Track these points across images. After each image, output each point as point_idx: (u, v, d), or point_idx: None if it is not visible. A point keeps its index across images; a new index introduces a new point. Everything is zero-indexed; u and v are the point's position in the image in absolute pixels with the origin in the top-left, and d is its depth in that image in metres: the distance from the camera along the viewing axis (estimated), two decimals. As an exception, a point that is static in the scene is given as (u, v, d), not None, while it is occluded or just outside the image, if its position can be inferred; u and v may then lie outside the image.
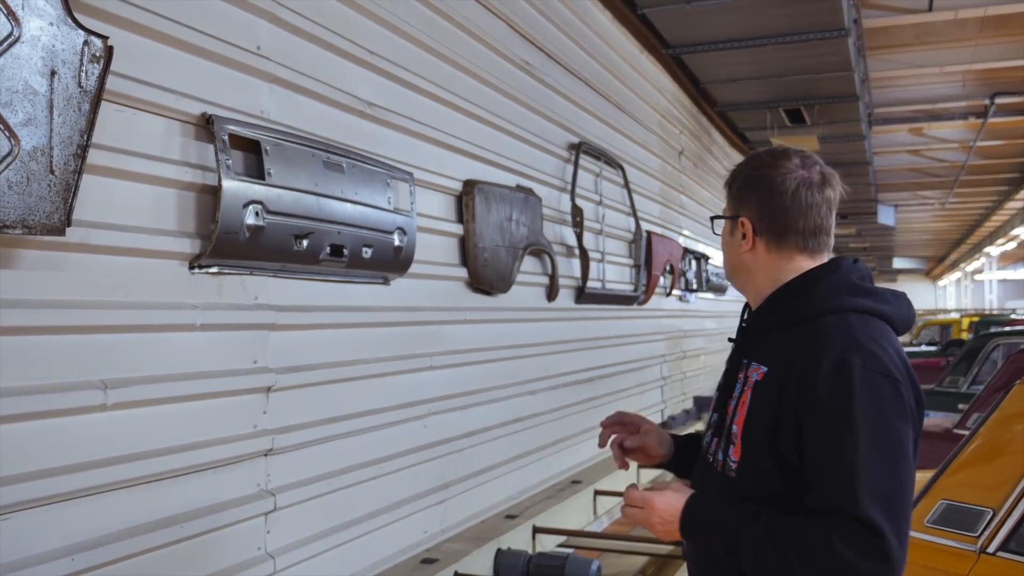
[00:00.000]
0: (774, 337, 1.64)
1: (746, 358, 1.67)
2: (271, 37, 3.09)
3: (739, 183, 1.71)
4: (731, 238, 1.73)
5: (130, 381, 2.49)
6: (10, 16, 1.97)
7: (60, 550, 2.27)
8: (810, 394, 1.49)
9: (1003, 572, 2.14)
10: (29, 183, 2.02)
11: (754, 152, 1.76)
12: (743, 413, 1.61)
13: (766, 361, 1.61)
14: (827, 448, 1.45)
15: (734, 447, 1.60)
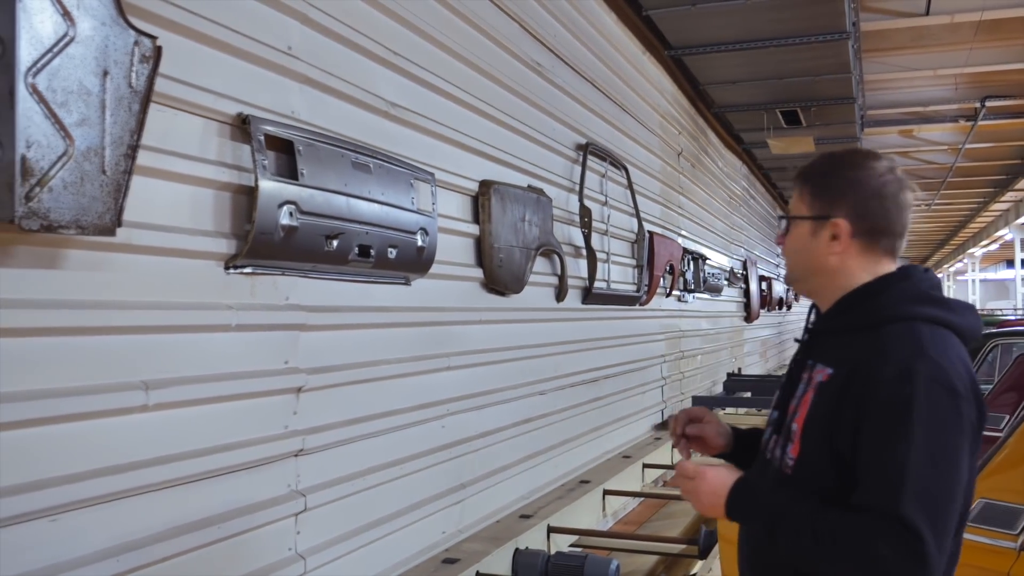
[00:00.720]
0: (840, 340, 1.66)
1: (811, 359, 1.69)
2: (302, 37, 3.09)
3: (830, 184, 1.69)
4: (813, 239, 1.69)
5: (169, 382, 2.49)
6: (66, 16, 1.97)
7: (106, 551, 2.27)
8: (871, 397, 1.51)
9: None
10: (83, 183, 2.02)
11: (829, 153, 1.75)
12: (804, 412, 1.63)
13: (831, 363, 1.63)
14: (881, 449, 1.47)
15: (792, 444, 1.63)
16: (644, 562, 4.89)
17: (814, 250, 1.70)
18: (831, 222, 1.67)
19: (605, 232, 6.43)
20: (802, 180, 1.75)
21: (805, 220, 1.71)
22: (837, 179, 1.69)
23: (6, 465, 2.03)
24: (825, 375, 1.63)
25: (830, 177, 1.70)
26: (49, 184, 1.93)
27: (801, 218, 1.72)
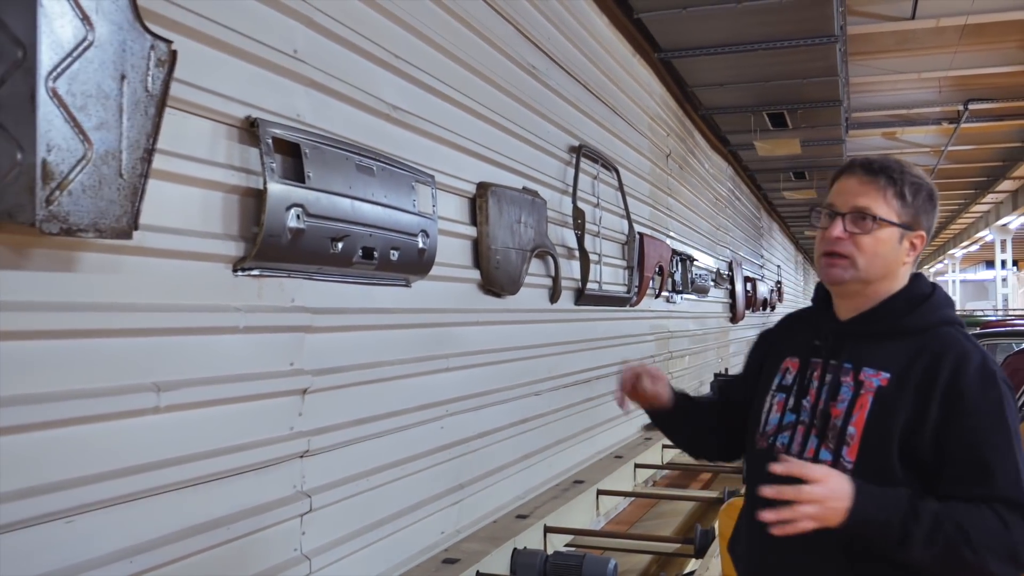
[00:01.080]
0: (888, 344, 1.69)
1: (842, 361, 1.71)
2: (307, 40, 3.11)
3: (922, 196, 1.71)
4: (898, 244, 1.70)
5: (180, 384, 2.50)
6: (85, 20, 1.98)
7: (120, 552, 2.28)
8: (958, 396, 1.58)
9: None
10: (101, 187, 2.03)
11: (904, 162, 1.73)
12: (862, 415, 1.64)
13: (886, 367, 1.66)
14: (991, 447, 1.55)
15: (849, 447, 1.64)
16: (639, 561, 4.94)
17: (894, 256, 1.70)
18: (917, 234, 1.71)
19: (597, 234, 6.47)
20: (888, 181, 1.69)
21: (895, 226, 1.69)
22: (928, 195, 1.72)
23: (25, 467, 2.04)
24: (883, 380, 1.65)
25: (920, 190, 1.71)
26: (68, 188, 1.95)
27: (893, 224, 1.69)
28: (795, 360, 1.81)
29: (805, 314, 1.97)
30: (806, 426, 1.72)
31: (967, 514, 1.51)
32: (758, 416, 1.83)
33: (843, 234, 1.68)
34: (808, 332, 1.83)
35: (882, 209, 1.68)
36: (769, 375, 1.85)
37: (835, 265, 1.70)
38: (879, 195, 1.68)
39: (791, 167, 14.51)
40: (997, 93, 11.92)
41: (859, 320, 1.74)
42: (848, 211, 1.68)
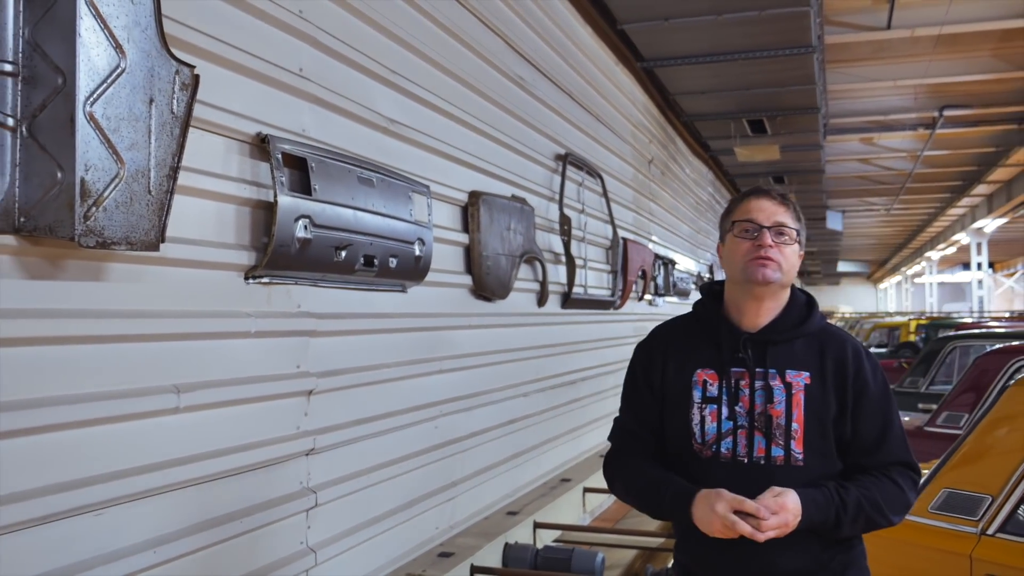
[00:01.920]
0: (796, 346, 1.93)
1: (773, 368, 1.90)
2: (311, 59, 3.27)
3: (802, 221, 1.99)
4: (797, 256, 1.97)
5: (197, 386, 2.66)
6: (118, 49, 2.14)
7: (144, 543, 2.44)
8: (863, 385, 1.91)
9: (1002, 552, 2.42)
10: (132, 203, 2.19)
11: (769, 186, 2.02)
12: (800, 412, 1.87)
13: (804, 367, 1.91)
14: (888, 422, 1.92)
15: (795, 440, 1.86)
16: (625, 556, 5.12)
17: (797, 265, 1.98)
18: (803, 250, 2.00)
19: (582, 239, 6.65)
20: (791, 205, 1.98)
21: (797, 240, 1.96)
22: (802, 217, 2.00)
23: (59, 464, 2.19)
24: (806, 379, 1.89)
25: (801, 216, 1.99)
26: (104, 204, 2.10)
27: (798, 239, 1.96)
28: (711, 372, 1.94)
29: (684, 329, 2.08)
30: (747, 429, 1.89)
31: (876, 488, 1.85)
32: (687, 429, 1.94)
33: (772, 243, 1.91)
34: (707, 344, 1.98)
35: (794, 225, 1.94)
36: (682, 389, 1.96)
37: (767, 266, 1.90)
38: (789, 215, 1.95)
39: (770, 172, 14.77)
40: (971, 100, 12.22)
41: (770, 329, 1.94)
42: (771, 225, 1.92)
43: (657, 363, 2.03)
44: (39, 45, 2.05)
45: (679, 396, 1.96)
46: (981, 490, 2.49)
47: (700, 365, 1.96)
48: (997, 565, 2.40)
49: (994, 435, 2.60)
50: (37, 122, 2.05)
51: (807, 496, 1.80)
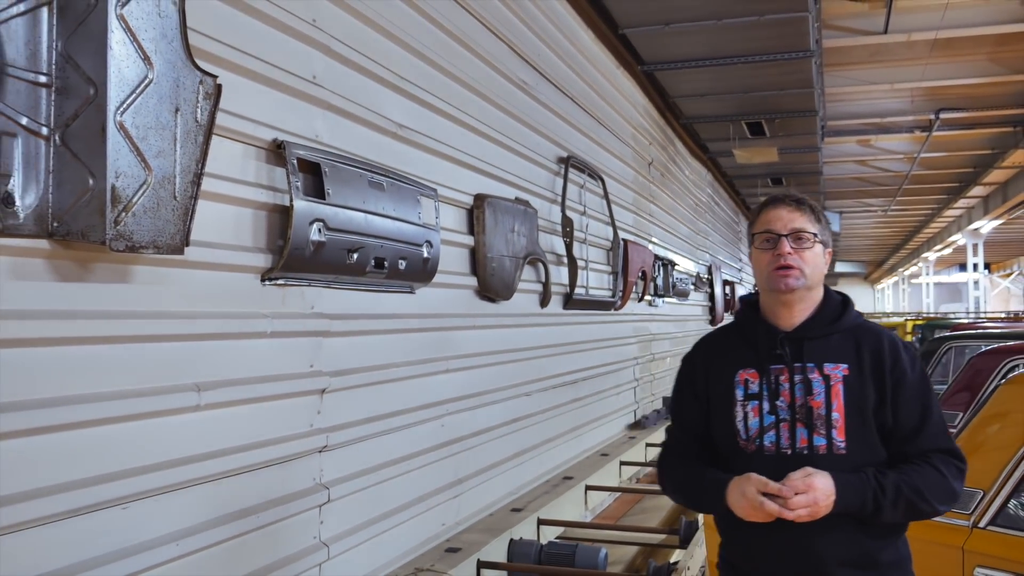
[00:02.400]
0: (829, 342, 2.01)
1: (811, 362, 1.99)
2: (324, 67, 3.36)
3: (825, 221, 2.07)
4: (822, 258, 2.05)
5: (216, 384, 2.75)
6: (146, 60, 2.23)
7: (168, 536, 2.53)
8: (904, 376, 1.97)
9: (993, 543, 2.51)
10: (159, 208, 2.28)
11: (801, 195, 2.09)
12: (840, 402, 1.95)
13: (841, 360, 1.99)
14: (928, 410, 1.97)
15: (836, 429, 1.94)
16: (627, 552, 5.21)
17: (822, 267, 2.05)
18: (828, 249, 2.08)
19: (584, 240, 6.74)
20: (808, 208, 2.05)
21: (819, 241, 2.03)
22: (826, 220, 2.08)
23: (88, 459, 2.28)
24: (844, 370, 1.98)
25: (823, 217, 2.07)
26: (133, 210, 2.19)
27: (819, 240, 2.03)
28: (751, 371, 2.04)
29: (725, 336, 2.21)
30: (789, 422, 1.98)
31: (917, 475, 1.89)
32: (731, 426, 2.03)
33: (790, 250, 1.99)
34: (746, 346, 2.08)
35: (809, 227, 2.02)
36: (725, 390, 2.06)
37: (788, 275, 1.99)
38: (806, 219, 2.03)
39: (768, 173, 14.87)
40: (967, 103, 12.33)
41: (805, 326, 2.04)
42: (788, 232, 2.01)
43: (700, 370, 2.15)
44: (71, 57, 2.14)
45: (723, 397, 2.06)
46: (973, 485, 2.58)
47: (741, 366, 2.05)
48: (988, 556, 2.50)
49: (986, 432, 2.69)
50: (70, 131, 2.13)
51: (842, 479, 1.86)
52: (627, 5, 6.92)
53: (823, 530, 1.89)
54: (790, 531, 1.89)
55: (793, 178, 15.14)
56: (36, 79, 2.10)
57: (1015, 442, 2.61)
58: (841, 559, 1.92)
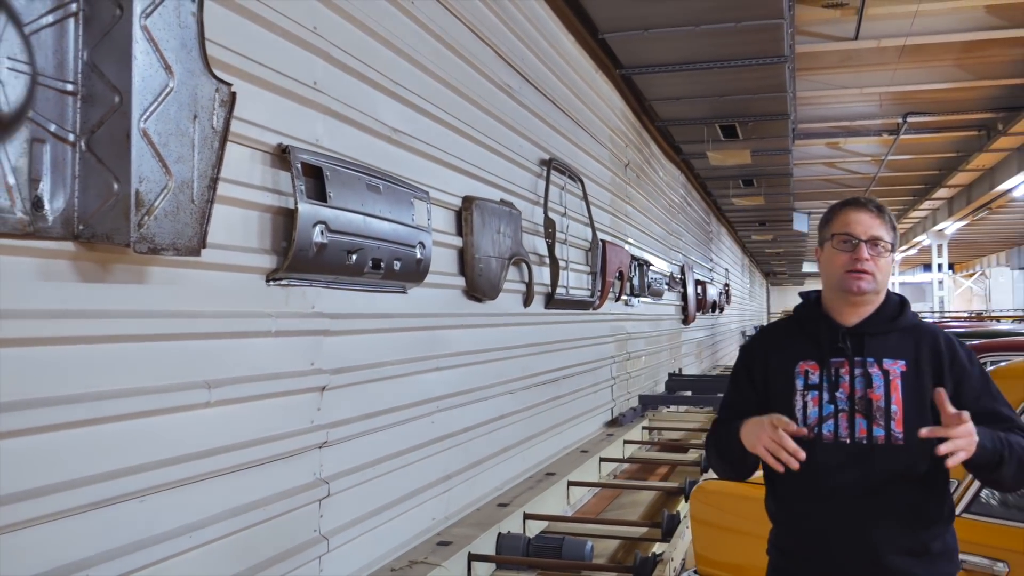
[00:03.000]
0: (888, 339, 2.10)
1: (865, 356, 2.08)
2: (324, 73, 3.45)
3: (896, 228, 2.16)
4: (891, 264, 2.15)
5: (225, 382, 2.84)
6: (168, 70, 2.32)
7: (182, 528, 2.62)
8: (962, 370, 2.06)
9: (967, 530, 2.66)
10: (178, 212, 2.37)
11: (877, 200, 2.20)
12: (898, 395, 2.04)
13: (900, 356, 2.08)
14: (996, 398, 2.07)
15: (895, 421, 2.03)
16: (608, 545, 5.34)
17: (890, 272, 2.17)
18: (894, 255, 2.17)
19: (564, 241, 6.86)
20: (887, 217, 2.14)
21: (892, 250, 2.13)
22: (895, 225, 2.16)
23: (109, 454, 2.36)
24: (902, 366, 2.07)
25: (895, 223, 2.16)
26: (155, 213, 2.28)
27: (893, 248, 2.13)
28: (812, 363, 2.13)
29: (786, 329, 2.29)
30: (848, 412, 2.07)
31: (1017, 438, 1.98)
32: (790, 414, 2.09)
33: (868, 256, 2.09)
34: (808, 340, 2.17)
35: (885, 235, 2.11)
36: (785, 380, 2.15)
37: (862, 279, 2.08)
38: (884, 227, 2.11)
39: (740, 175, 15.09)
40: (934, 107, 12.61)
41: (867, 323, 2.13)
42: (868, 239, 2.10)
43: (760, 359, 2.23)
44: (96, 66, 2.22)
45: (783, 386, 2.14)
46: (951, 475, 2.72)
47: (801, 358, 2.14)
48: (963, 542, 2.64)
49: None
50: (95, 137, 2.22)
51: (980, 430, 1.91)
52: (608, 11, 7.05)
53: (878, 518, 1.99)
54: (845, 518, 2.00)
55: (764, 180, 15.37)
56: (63, 87, 2.18)
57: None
58: (895, 547, 2.00)
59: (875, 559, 2.00)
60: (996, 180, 17.15)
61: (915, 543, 2.01)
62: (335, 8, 3.53)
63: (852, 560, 2.03)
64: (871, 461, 2.00)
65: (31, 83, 2.06)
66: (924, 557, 2.01)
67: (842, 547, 2.04)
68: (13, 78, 2.01)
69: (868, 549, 2.01)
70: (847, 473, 2.01)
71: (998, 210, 22.72)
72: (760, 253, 33.35)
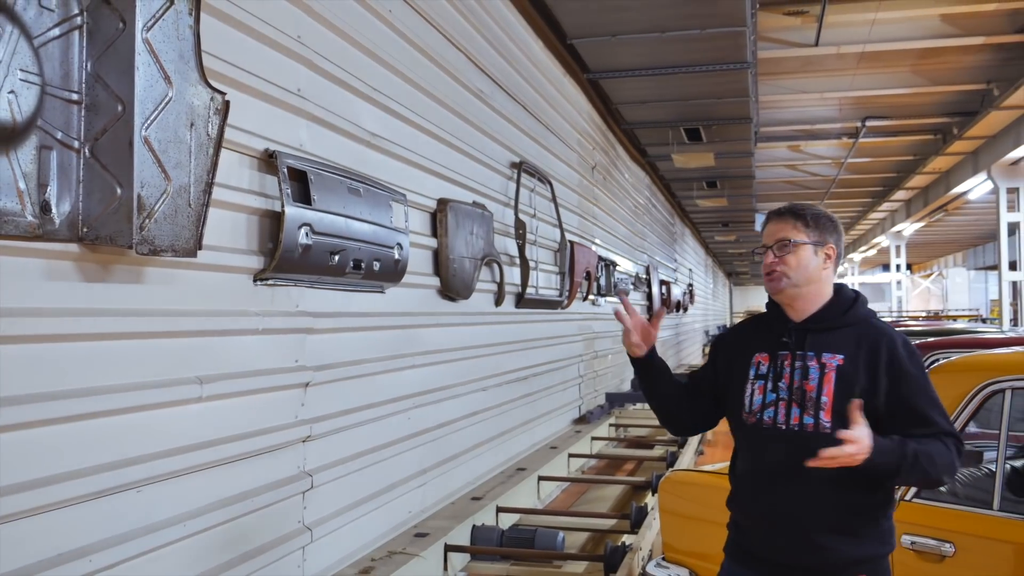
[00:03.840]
0: (832, 335, 2.26)
1: (807, 351, 2.25)
2: (308, 81, 3.57)
3: (823, 222, 2.30)
4: (814, 256, 2.28)
5: (215, 377, 2.95)
6: (167, 81, 2.44)
7: (176, 517, 2.74)
8: (902, 367, 2.18)
9: (917, 514, 2.86)
10: (176, 215, 2.49)
11: (811, 204, 2.36)
12: (830, 387, 2.21)
13: (839, 351, 2.24)
14: (929, 397, 2.17)
15: (824, 411, 2.19)
16: (579, 537, 5.51)
17: (814, 266, 2.29)
18: (827, 247, 2.30)
19: (534, 242, 7.03)
20: (793, 217, 2.29)
21: (806, 244, 2.28)
22: (828, 220, 2.32)
23: (109, 445, 2.48)
24: (839, 360, 2.23)
25: (820, 217, 2.30)
26: (155, 216, 2.40)
27: (805, 243, 2.27)
28: (764, 355, 2.33)
29: (756, 323, 2.49)
30: (786, 401, 2.26)
31: (930, 446, 2.10)
32: (740, 400, 2.33)
33: (774, 259, 2.28)
34: (766, 334, 2.37)
35: (793, 234, 2.28)
36: (742, 369, 2.35)
37: (772, 279, 2.29)
38: (790, 227, 2.29)
39: (704, 177, 15.36)
40: (891, 112, 12.97)
41: (812, 319, 2.31)
42: (773, 243, 2.30)
43: (725, 349, 2.45)
44: (100, 76, 2.34)
45: (740, 374, 2.34)
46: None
47: (758, 350, 2.33)
48: (913, 525, 2.84)
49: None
50: (99, 145, 2.33)
51: (877, 440, 2.05)
52: (576, 18, 7.23)
53: (809, 499, 2.17)
54: (782, 498, 2.19)
55: (728, 181, 15.66)
56: (69, 97, 2.29)
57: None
58: (824, 527, 2.19)
59: (806, 536, 2.18)
60: (951, 183, 17.62)
61: (843, 524, 2.18)
62: (318, 17, 3.66)
63: (787, 536, 2.21)
64: (803, 447, 2.13)
65: (40, 93, 2.18)
66: (852, 537, 2.18)
67: (779, 525, 2.23)
68: (25, 88, 2.12)
69: (800, 527, 2.19)
70: (783, 457, 2.18)
71: (954, 212, 23.30)
72: (723, 253, 33.81)
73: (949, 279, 39.20)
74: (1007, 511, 2.77)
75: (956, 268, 40.12)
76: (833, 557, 2.18)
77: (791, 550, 2.22)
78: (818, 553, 2.19)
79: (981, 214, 24.38)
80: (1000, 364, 2.99)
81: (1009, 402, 2.87)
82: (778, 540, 2.24)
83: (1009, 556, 2.72)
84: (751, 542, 2.32)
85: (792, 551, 2.22)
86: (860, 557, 2.19)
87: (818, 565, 2.20)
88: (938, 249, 39.38)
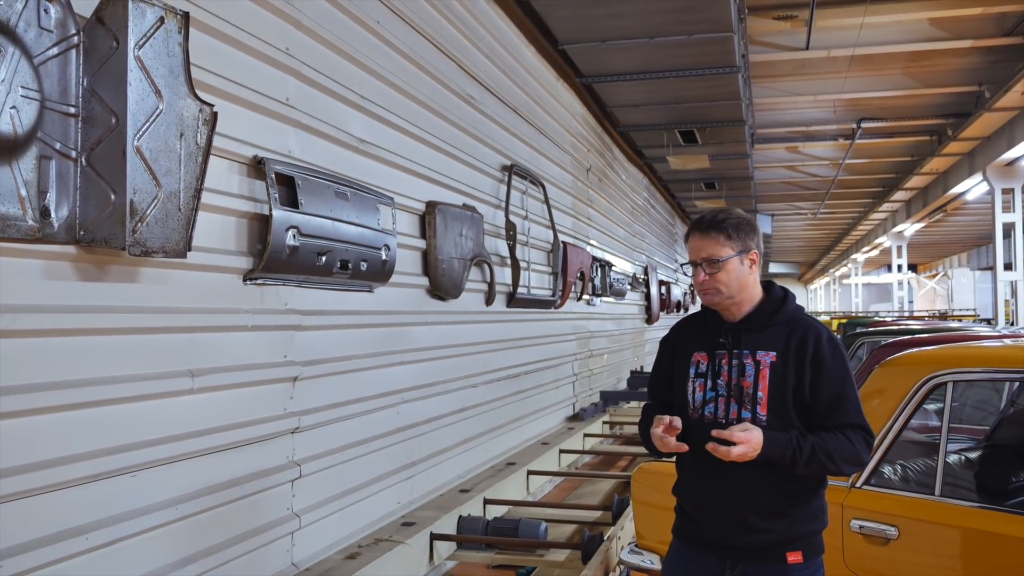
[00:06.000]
0: (765, 333, 2.43)
1: (742, 349, 2.42)
2: (296, 90, 3.77)
3: (744, 228, 2.44)
4: (741, 266, 2.43)
5: (207, 371, 3.15)
6: (158, 94, 2.63)
7: (169, 501, 2.93)
8: (824, 361, 2.33)
9: (866, 500, 3.03)
10: (167, 219, 2.68)
11: (730, 208, 2.53)
12: (765, 383, 2.37)
13: (772, 348, 2.40)
14: (846, 390, 2.33)
15: (760, 406, 2.36)
16: (565, 530, 5.69)
17: (743, 274, 2.44)
18: (751, 253, 2.45)
19: (526, 243, 7.21)
20: (716, 231, 2.42)
21: (733, 257, 2.42)
22: (750, 226, 2.47)
23: (105, 432, 2.68)
24: (772, 357, 2.39)
25: (740, 225, 2.44)
26: (147, 220, 2.59)
27: (731, 256, 2.42)
28: (703, 354, 2.49)
29: (693, 322, 2.64)
30: (725, 397, 2.42)
31: (830, 440, 2.27)
32: (684, 397, 2.48)
33: (705, 277, 2.44)
34: (705, 334, 2.52)
35: (719, 251, 2.42)
36: (683, 368, 2.51)
37: (707, 294, 2.46)
38: (713, 243, 2.43)
39: (702, 178, 15.55)
40: (886, 113, 13.12)
41: (746, 320, 2.47)
42: (700, 261, 2.45)
43: (670, 349, 2.59)
44: (96, 91, 2.54)
45: (682, 373, 2.50)
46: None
47: (697, 349, 2.49)
48: (863, 510, 3.01)
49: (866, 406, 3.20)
50: (94, 154, 2.53)
51: (770, 435, 2.27)
52: (566, 24, 7.41)
53: (745, 485, 2.34)
54: (720, 485, 2.36)
55: (726, 183, 15.84)
56: (67, 110, 2.49)
57: (885, 415, 3.14)
58: (758, 510, 2.36)
59: (741, 519, 2.36)
60: (949, 183, 17.74)
61: (776, 507, 2.35)
62: (306, 30, 3.85)
63: (725, 519, 2.39)
64: None
65: (40, 107, 2.37)
66: (786, 518, 2.35)
67: (717, 509, 2.40)
68: (26, 104, 2.32)
69: (736, 511, 2.36)
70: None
71: (955, 212, 23.41)
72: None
73: (954, 279, 39.25)
74: (947, 496, 2.94)
75: (961, 268, 40.15)
76: (769, 538, 2.35)
77: (730, 532, 2.39)
78: (754, 534, 2.36)
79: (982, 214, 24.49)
80: (943, 358, 3.17)
81: (950, 394, 3.05)
82: (718, 523, 2.41)
83: (949, 539, 2.90)
84: (695, 525, 2.49)
85: (730, 533, 2.39)
86: (794, 536, 2.36)
87: (755, 544, 2.37)
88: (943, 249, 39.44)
